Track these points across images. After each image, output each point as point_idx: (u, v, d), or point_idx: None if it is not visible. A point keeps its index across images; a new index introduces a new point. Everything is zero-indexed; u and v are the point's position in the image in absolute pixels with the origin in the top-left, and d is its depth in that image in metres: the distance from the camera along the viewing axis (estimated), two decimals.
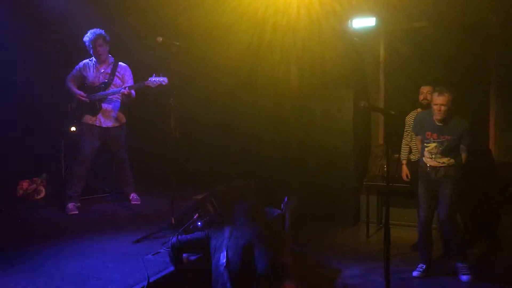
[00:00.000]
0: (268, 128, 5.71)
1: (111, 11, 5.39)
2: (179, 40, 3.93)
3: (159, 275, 2.82)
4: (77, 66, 4.80)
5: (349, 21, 5.61)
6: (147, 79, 4.40)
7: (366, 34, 5.76)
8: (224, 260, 2.72)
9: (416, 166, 4.65)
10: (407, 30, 5.73)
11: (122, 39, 5.14)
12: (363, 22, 5.61)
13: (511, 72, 5.25)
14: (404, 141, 4.90)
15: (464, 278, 3.94)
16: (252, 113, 5.67)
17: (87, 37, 4.64)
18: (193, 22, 5.48)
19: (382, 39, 5.91)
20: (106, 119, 4.72)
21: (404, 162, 4.81)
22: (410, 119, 4.80)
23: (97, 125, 4.68)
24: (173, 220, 3.71)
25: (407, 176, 4.79)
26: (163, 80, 4.29)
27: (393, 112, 2.85)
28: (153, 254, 3.21)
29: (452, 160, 3.96)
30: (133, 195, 4.96)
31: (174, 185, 3.85)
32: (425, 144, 4.04)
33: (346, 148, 5.67)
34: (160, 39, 3.84)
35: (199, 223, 3.53)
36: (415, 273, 4.07)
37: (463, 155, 3.98)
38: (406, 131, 4.87)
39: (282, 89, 5.71)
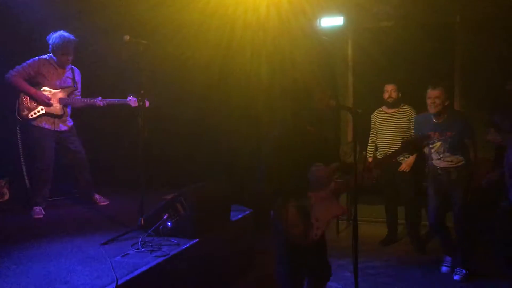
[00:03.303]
0: (240, 126, 5.71)
1: (75, 8, 5.25)
2: (147, 39, 3.87)
3: (128, 277, 2.79)
4: (31, 61, 4.41)
5: (318, 20, 5.69)
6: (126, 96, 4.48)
7: (334, 33, 5.85)
8: None
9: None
10: (374, 29, 5.85)
11: (88, 37, 5.02)
12: (331, 21, 5.71)
13: (475, 71, 5.43)
14: (370, 139, 5.00)
15: (457, 277, 3.95)
16: (224, 111, 5.65)
17: (56, 39, 4.39)
18: (162, 20, 5.41)
19: (350, 38, 6.01)
20: (64, 123, 4.61)
21: (369, 159, 4.90)
22: (375, 117, 4.91)
23: (56, 130, 4.53)
24: (142, 220, 3.67)
25: None
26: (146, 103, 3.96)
27: (360, 111, 2.88)
28: (122, 256, 3.16)
29: (461, 159, 3.92)
30: (97, 196, 4.85)
31: (144, 185, 3.81)
32: (430, 146, 3.99)
33: None
34: (127, 37, 3.77)
35: (169, 223, 3.51)
36: (444, 269, 4.14)
37: (472, 153, 3.91)
38: (372, 129, 4.97)
39: (254, 87, 5.72)
